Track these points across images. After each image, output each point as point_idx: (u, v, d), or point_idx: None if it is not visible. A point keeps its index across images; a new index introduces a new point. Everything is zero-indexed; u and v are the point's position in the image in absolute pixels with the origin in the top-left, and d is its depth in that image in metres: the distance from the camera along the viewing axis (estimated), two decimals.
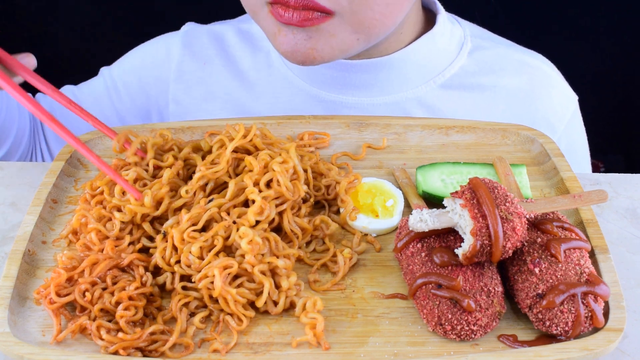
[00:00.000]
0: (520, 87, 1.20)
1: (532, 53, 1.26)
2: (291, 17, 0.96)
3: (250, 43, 1.25)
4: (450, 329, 0.77)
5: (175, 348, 0.78)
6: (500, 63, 1.21)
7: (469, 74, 1.19)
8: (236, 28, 1.27)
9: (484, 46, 1.22)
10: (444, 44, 1.19)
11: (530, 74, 1.22)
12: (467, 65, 1.20)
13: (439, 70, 1.18)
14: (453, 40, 1.20)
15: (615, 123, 2.34)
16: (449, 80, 1.18)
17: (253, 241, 0.81)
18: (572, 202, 0.87)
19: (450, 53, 1.20)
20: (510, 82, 1.20)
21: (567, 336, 0.77)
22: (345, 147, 1.06)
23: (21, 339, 0.76)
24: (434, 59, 1.18)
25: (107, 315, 0.80)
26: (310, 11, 0.95)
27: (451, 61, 1.19)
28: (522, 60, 1.23)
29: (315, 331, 0.78)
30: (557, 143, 1.03)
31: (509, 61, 1.22)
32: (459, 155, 1.05)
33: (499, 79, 1.20)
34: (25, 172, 1.03)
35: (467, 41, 1.21)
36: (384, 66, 1.14)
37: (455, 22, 1.23)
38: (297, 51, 1.00)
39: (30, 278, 0.85)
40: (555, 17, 2.24)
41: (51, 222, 0.93)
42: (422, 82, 1.17)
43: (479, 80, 1.19)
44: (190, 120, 1.08)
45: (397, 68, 1.15)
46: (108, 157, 1.04)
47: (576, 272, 0.79)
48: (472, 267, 0.80)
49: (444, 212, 0.82)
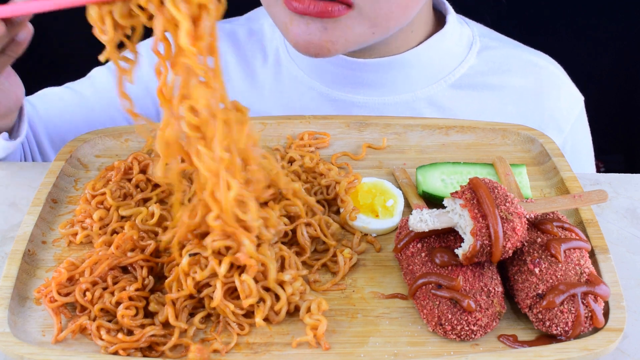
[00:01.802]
0: (528, 86, 1.21)
1: (539, 53, 1.27)
2: (307, 8, 0.95)
3: (260, 43, 1.25)
4: (450, 329, 0.77)
5: (176, 348, 0.78)
6: (509, 63, 1.22)
7: (478, 74, 1.20)
8: (247, 28, 1.27)
9: (492, 46, 1.23)
10: (453, 44, 1.19)
11: (537, 73, 1.22)
12: (476, 65, 1.20)
13: (448, 70, 1.19)
14: (462, 40, 1.21)
15: (615, 123, 2.33)
16: (458, 80, 1.19)
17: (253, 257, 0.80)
18: (572, 202, 0.87)
19: (460, 53, 1.20)
20: (518, 82, 1.21)
21: (567, 336, 0.77)
22: (345, 147, 1.06)
23: (21, 339, 0.76)
24: (444, 58, 1.18)
25: (107, 315, 0.80)
26: (330, 3, 0.95)
27: (460, 61, 1.20)
28: (530, 60, 1.23)
29: (316, 332, 0.78)
30: (563, 143, 1.03)
31: (516, 61, 1.22)
32: (459, 155, 1.05)
33: (507, 79, 1.21)
34: (25, 172, 1.03)
35: (476, 41, 1.22)
36: (394, 65, 1.14)
37: (463, 23, 1.24)
38: (311, 42, 0.98)
39: (30, 278, 0.85)
40: (555, 17, 2.24)
41: (51, 222, 0.93)
42: (432, 82, 1.18)
43: (487, 80, 1.20)
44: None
45: (408, 67, 1.15)
46: (108, 157, 1.05)
47: (576, 272, 0.79)
48: (472, 267, 0.80)
49: (444, 212, 0.82)
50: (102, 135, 1.06)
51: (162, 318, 0.79)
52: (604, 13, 2.18)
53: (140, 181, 0.95)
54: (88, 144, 1.05)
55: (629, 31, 2.22)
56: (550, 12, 2.22)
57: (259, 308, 0.80)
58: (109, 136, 1.06)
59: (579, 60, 2.08)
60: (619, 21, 2.20)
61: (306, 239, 0.88)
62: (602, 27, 2.21)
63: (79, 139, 1.04)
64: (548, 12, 2.22)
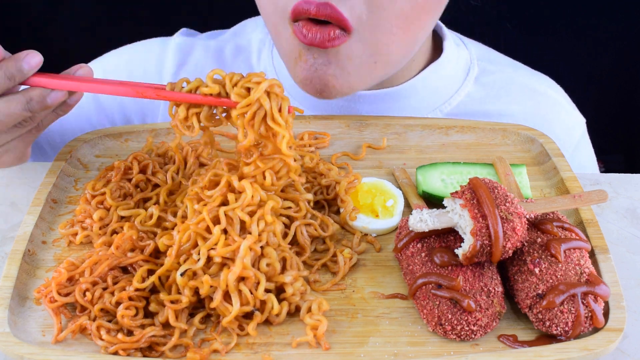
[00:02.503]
0: (526, 113, 1.19)
1: (539, 76, 1.25)
2: (314, 37, 0.94)
3: (247, 62, 1.23)
4: (450, 329, 0.77)
5: (176, 348, 0.78)
6: (507, 88, 1.20)
7: (475, 101, 1.18)
8: (233, 44, 1.25)
9: (491, 70, 1.21)
10: (451, 71, 1.17)
11: (536, 99, 1.21)
12: (473, 92, 1.18)
13: (445, 98, 1.17)
14: (459, 66, 1.19)
15: (615, 123, 2.34)
16: (455, 108, 1.17)
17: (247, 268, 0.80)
18: (572, 202, 0.87)
19: (457, 80, 1.18)
20: (517, 109, 1.19)
21: (567, 336, 0.77)
22: (345, 147, 1.06)
23: (21, 339, 0.76)
24: (441, 86, 1.17)
25: (107, 315, 0.80)
26: (330, 27, 0.93)
27: (457, 88, 1.18)
28: (529, 86, 1.22)
29: (317, 332, 0.78)
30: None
31: (515, 86, 1.21)
32: (459, 155, 1.05)
33: (505, 106, 1.19)
34: (25, 172, 1.03)
35: (474, 65, 1.20)
36: (392, 97, 1.13)
37: (460, 44, 1.22)
38: (316, 77, 0.97)
39: (30, 278, 0.85)
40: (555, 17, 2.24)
41: (51, 222, 0.93)
42: (429, 111, 1.16)
43: (485, 107, 1.18)
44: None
45: (405, 98, 1.14)
46: (108, 157, 1.05)
47: (576, 272, 0.79)
48: (472, 267, 0.80)
49: (444, 212, 0.82)
50: (102, 135, 1.06)
51: (163, 318, 0.79)
52: (604, 13, 2.18)
53: (140, 181, 0.95)
54: (88, 144, 1.05)
55: (629, 31, 2.22)
56: (551, 12, 2.22)
57: (255, 318, 0.79)
58: (109, 136, 1.06)
59: (579, 60, 2.08)
60: (619, 21, 2.20)
61: (306, 238, 0.88)
62: (602, 27, 2.21)
63: (79, 139, 1.05)
64: (548, 12, 2.22)
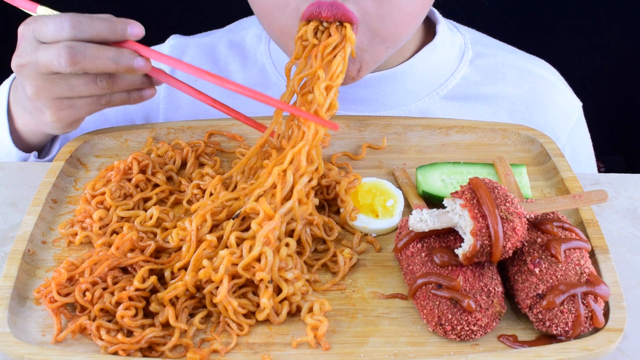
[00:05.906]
0: (522, 96, 1.19)
1: (534, 59, 1.25)
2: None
3: (242, 56, 1.22)
4: (450, 329, 0.77)
5: (176, 348, 0.78)
6: (502, 71, 1.20)
7: (471, 84, 1.18)
8: (227, 40, 1.24)
9: (485, 53, 1.21)
10: (445, 54, 1.17)
11: (532, 82, 1.21)
12: (469, 75, 1.19)
13: (440, 81, 1.17)
14: (454, 49, 1.19)
15: (615, 123, 2.34)
16: (451, 91, 1.17)
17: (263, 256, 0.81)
18: (572, 202, 0.87)
19: (452, 63, 1.19)
20: (513, 91, 1.19)
21: (567, 336, 0.77)
22: (345, 147, 1.06)
23: (21, 339, 0.76)
24: (436, 70, 1.17)
25: (107, 315, 0.80)
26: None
27: (452, 71, 1.18)
28: (524, 68, 1.21)
29: (317, 333, 0.78)
30: (561, 150, 1.02)
31: (510, 69, 1.21)
32: (459, 155, 1.05)
33: (501, 88, 1.19)
34: (25, 172, 1.03)
35: (468, 49, 1.20)
36: (386, 80, 1.13)
37: (454, 29, 1.22)
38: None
39: (30, 278, 0.85)
40: (555, 18, 2.24)
41: (51, 222, 0.93)
42: (424, 95, 1.16)
43: (481, 90, 1.18)
44: (190, 120, 1.08)
45: (400, 81, 1.14)
46: (108, 157, 1.05)
47: (576, 272, 0.79)
48: (472, 267, 0.80)
49: (444, 212, 0.82)
50: (102, 135, 1.06)
51: (163, 319, 0.79)
52: (604, 14, 2.19)
53: (140, 181, 0.95)
54: (88, 144, 1.05)
55: (629, 32, 2.22)
56: (549, 13, 2.22)
57: (260, 310, 0.80)
58: (109, 136, 1.06)
59: (578, 61, 2.08)
60: (619, 22, 2.20)
61: (308, 237, 0.88)
62: (601, 28, 2.21)
63: (79, 139, 1.04)
64: (547, 13, 2.22)
